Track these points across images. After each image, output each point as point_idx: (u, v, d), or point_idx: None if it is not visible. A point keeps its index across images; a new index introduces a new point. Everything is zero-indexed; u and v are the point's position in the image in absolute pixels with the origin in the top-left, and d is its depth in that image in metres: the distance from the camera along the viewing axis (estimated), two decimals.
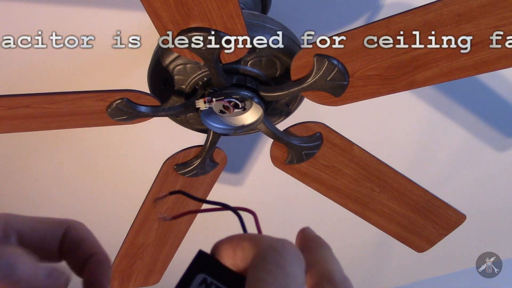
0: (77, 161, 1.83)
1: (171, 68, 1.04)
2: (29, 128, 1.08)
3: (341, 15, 1.38)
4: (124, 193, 1.98)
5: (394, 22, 0.85)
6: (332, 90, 0.98)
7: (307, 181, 1.27)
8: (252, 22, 1.01)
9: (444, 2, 0.81)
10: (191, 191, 1.31)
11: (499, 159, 1.85)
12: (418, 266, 2.40)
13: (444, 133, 1.75)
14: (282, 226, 2.19)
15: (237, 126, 1.09)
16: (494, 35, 0.84)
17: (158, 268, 1.52)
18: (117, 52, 1.42)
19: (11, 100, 0.97)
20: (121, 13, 1.34)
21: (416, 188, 1.29)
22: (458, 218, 1.37)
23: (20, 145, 1.76)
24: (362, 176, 1.25)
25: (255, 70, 1.04)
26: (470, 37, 0.85)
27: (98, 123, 1.08)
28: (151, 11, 0.84)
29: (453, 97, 1.63)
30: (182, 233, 1.45)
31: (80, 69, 1.47)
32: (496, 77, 1.56)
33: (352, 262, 2.42)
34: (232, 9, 0.84)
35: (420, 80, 0.94)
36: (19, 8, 1.32)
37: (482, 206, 2.05)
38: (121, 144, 1.77)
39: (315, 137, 1.16)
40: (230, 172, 1.91)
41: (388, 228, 1.40)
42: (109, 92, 1.00)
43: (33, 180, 1.92)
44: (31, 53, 1.41)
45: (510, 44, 0.85)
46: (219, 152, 1.23)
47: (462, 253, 2.29)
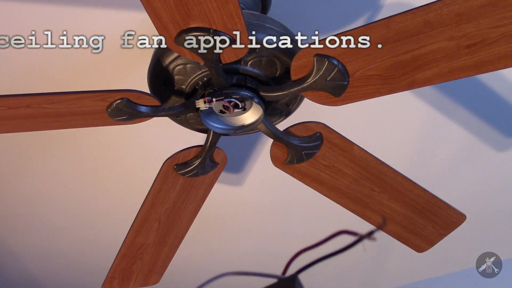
0: (77, 161, 1.83)
1: (171, 68, 1.04)
2: (29, 128, 1.08)
3: (341, 15, 1.38)
4: (124, 193, 1.98)
5: (394, 22, 0.85)
6: (332, 90, 0.98)
7: (307, 181, 1.27)
8: (252, 22, 1.01)
9: (444, 2, 0.81)
10: (191, 191, 1.31)
11: (499, 159, 1.85)
12: (418, 266, 2.39)
13: (444, 133, 1.75)
14: (282, 226, 2.19)
15: (237, 126, 1.09)
16: (494, 35, 0.84)
17: (158, 268, 1.52)
18: (117, 52, 1.42)
19: (11, 100, 0.97)
20: (121, 13, 1.34)
21: (416, 188, 1.29)
22: (458, 218, 1.37)
23: (20, 145, 1.76)
24: (362, 176, 1.25)
25: (255, 70, 1.04)
26: (470, 37, 0.85)
27: (98, 123, 1.08)
28: (151, 11, 0.84)
29: (453, 97, 1.63)
30: (182, 233, 1.45)
31: (80, 69, 1.47)
32: (496, 77, 1.56)
33: (352, 262, 2.42)
34: (232, 9, 0.84)
35: (420, 80, 0.94)
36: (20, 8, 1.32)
37: (482, 206, 2.05)
38: (121, 144, 1.77)
39: (315, 137, 1.16)
40: (230, 172, 1.91)
41: (388, 228, 1.40)
42: (109, 92, 1.00)
43: (33, 180, 1.92)
44: (31, 53, 1.41)
45: (510, 44, 0.85)
46: (219, 152, 1.23)
47: (462, 253, 2.29)
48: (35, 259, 2.42)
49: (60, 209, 2.08)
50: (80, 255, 2.39)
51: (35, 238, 2.27)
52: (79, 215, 2.11)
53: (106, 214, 2.10)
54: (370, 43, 0.89)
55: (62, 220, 2.15)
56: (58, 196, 2.00)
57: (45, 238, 2.27)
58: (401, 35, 0.87)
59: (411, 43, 0.88)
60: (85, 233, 2.23)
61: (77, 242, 2.29)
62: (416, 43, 0.88)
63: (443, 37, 0.86)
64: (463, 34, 0.85)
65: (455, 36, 0.85)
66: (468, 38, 0.85)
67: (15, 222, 2.16)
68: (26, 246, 2.33)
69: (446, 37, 0.86)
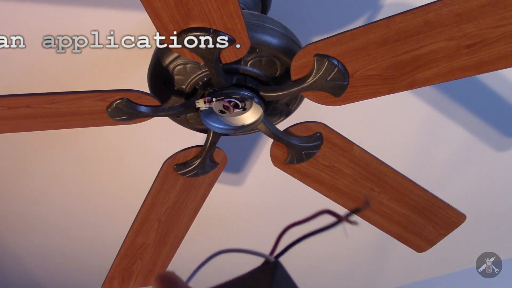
0: (77, 161, 1.83)
1: (171, 68, 1.04)
2: (29, 128, 1.08)
3: (341, 15, 1.38)
4: (124, 193, 1.98)
5: (394, 22, 0.85)
6: (332, 90, 0.98)
7: (307, 181, 1.27)
8: (252, 22, 1.01)
9: (444, 2, 0.81)
10: (191, 191, 1.31)
11: (499, 159, 1.85)
12: (418, 266, 2.40)
13: (444, 133, 1.75)
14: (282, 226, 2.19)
15: (237, 126, 1.09)
16: (494, 35, 0.84)
17: (158, 268, 1.52)
18: (117, 52, 1.42)
19: (11, 100, 0.97)
20: (121, 13, 1.34)
21: (416, 188, 1.29)
22: (458, 218, 1.37)
23: (20, 145, 1.76)
24: (362, 176, 1.25)
25: (255, 70, 1.04)
26: (470, 37, 0.85)
27: (98, 123, 1.08)
28: (151, 11, 0.84)
29: (453, 97, 1.63)
30: (182, 233, 1.45)
31: (80, 69, 1.47)
32: (496, 77, 1.56)
33: (352, 262, 2.42)
34: (232, 9, 0.84)
35: (420, 80, 0.94)
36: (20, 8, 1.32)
37: (482, 206, 2.05)
38: (121, 144, 1.77)
39: (315, 137, 1.16)
40: (230, 172, 1.91)
41: (388, 228, 1.40)
42: (109, 92, 1.00)
43: (33, 180, 1.92)
44: (31, 53, 1.41)
45: (510, 44, 0.85)
46: (219, 152, 1.23)
47: (462, 253, 2.29)
48: (35, 259, 2.42)
49: (60, 209, 2.08)
50: (80, 255, 2.39)
51: (35, 238, 2.27)
52: (79, 215, 2.11)
53: (106, 214, 2.10)
54: (370, 43, 0.89)
55: (62, 220, 2.15)
56: (58, 196, 2.00)
57: (45, 238, 2.27)
58: (401, 35, 0.87)
59: (411, 43, 0.88)
60: (85, 233, 2.23)
61: (77, 242, 2.29)
62: (416, 43, 0.88)
63: (443, 37, 0.86)
64: (463, 34, 0.85)
65: (455, 36, 0.85)
66: (468, 38, 0.85)
67: (15, 222, 2.16)
68: (26, 246, 2.33)
69: (446, 37, 0.86)
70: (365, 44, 0.89)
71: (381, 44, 0.89)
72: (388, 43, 0.88)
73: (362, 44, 0.89)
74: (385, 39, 0.88)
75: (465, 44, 0.86)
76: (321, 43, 0.91)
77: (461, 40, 0.86)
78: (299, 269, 2.46)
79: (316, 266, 2.44)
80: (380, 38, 0.88)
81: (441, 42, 0.87)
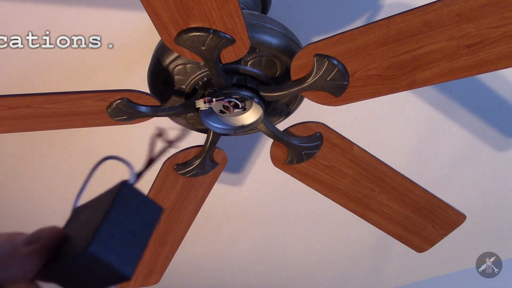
0: (77, 161, 1.83)
1: (171, 68, 1.04)
2: (29, 128, 1.08)
3: (341, 15, 1.38)
4: None
5: (394, 22, 0.85)
6: (332, 90, 0.98)
7: (307, 181, 1.27)
8: (252, 22, 1.01)
9: (444, 2, 0.81)
10: (191, 191, 1.31)
11: (499, 159, 1.85)
12: (418, 266, 2.40)
13: (444, 133, 1.75)
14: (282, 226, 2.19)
15: (237, 126, 1.09)
16: (494, 35, 0.84)
17: (158, 268, 1.52)
18: (117, 52, 1.42)
19: (11, 100, 0.97)
20: (121, 13, 1.34)
21: (416, 188, 1.29)
22: (458, 218, 1.37)
23: (20, 145, 1.76)
24: (362, 176, 1.25)
25: (255, 70, 1.04)
26: (470, 37, 0.85)
27: (98, 123, 1.08)
28: (151, 11, 0.84)
29: (453, 97, 1.63)
30: (182, 233, 1.45)
31: (80, 69, 1.47)
32: (496, 77, 1.56)
33: (352, 262, 2.42)
34: (232, 9, 0.84)
35: (420, 80, 0.94)
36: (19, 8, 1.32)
37: (482, 206, 2.05)
38: (121, 144, 1.77)
39: (315, 137, 1.16)
40: (230, 172, 1.91)
41: (388, 228, 1.40)
42: (109, 92, 1.00)
43: (33, 180, 1.92)
44: (31, 53, 1.41)
45: (510, 44, 0.85)
46: (219, 152, 1.23)
47: (462, 253, 2.29)
48: None
49: (60, 209, 2.08)
50: None
51: None
52: None
53: None
54: (370, 43, 0.89)
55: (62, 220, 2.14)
56: (58, 196, 2.00)
57: None
58: (401, 35, 0.87)
59: (411, 43, 0.88)
60: None
61: None
62: (416, 43, 0.88)
63: (443, 37, 0.86)
64: (463, 34, 0.85)
65: (455, 36, 0.85)
66: (468, 38, 0.85)
67: (15, 222, 2.16)
68: None
69: (446, 37, 0.86)
70: (365, 44, 0.89)
71: (381, 44, 0.89)
72: (388, 43, 0.88)
73: (362, 44, 0.89)
74: (385, 39, 0.88)
75: (465, 44, 0.86)
76: (321, 43, 0.91)
77: (461, 40, 0.86)
78: (299, 269, 2.46)
79: (316, 266, 2.44)
80: (380, 38, 0.88)
81: (441, 42, 0.87)
